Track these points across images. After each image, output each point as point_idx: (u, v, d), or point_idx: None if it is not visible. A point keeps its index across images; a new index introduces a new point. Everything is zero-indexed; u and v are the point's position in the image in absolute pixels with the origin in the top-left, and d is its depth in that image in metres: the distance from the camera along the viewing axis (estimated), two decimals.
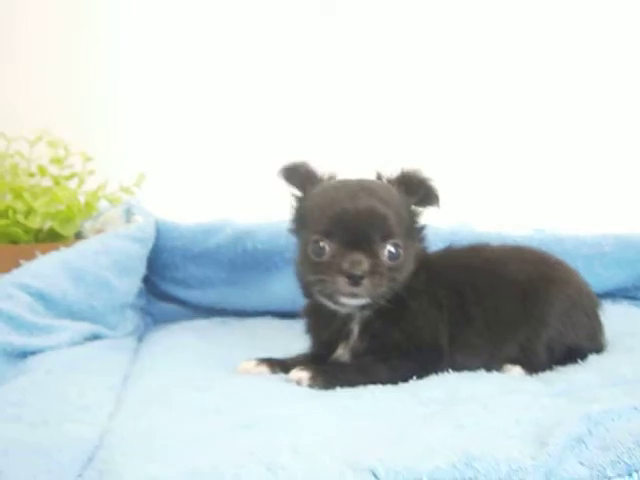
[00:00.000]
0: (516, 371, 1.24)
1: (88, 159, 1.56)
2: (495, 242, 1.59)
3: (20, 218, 1.45)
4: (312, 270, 1.18)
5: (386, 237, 1.17)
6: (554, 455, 0.83)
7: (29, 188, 1.48)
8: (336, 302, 1.17)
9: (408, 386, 1.17)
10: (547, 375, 1.23)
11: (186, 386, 1.16)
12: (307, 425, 0.96)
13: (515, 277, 1.29)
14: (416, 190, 1.25)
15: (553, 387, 1.14)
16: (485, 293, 1.28)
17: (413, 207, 1.25)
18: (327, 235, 1.17)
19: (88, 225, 1.56)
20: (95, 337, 1.40)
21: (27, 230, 1.47)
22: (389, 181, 1.26)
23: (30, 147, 1.53)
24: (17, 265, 1.37)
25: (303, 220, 1.24)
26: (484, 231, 1.69)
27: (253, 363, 1.25)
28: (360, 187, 1.20)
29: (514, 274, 1.30)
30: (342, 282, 1.13)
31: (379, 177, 1.28)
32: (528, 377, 1.22)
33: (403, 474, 0.80)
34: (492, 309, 1.27)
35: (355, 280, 1.13)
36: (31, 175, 1.52)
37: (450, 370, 1.21)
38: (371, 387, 1.16)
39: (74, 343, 1.35)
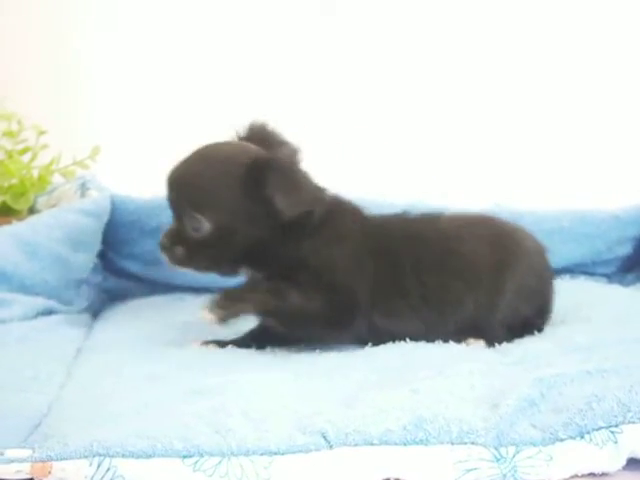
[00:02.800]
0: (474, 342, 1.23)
1: (42, 132, 1.53)
2: None
3: None
4: None
5: (190, 208, 1.15)
6: (505, 417, 0.83)
7: None
8: None
9: (363, 353, 1.17)
10: (504, 346, 1.22)
11: (138, 358, 1.15)
12: (258, 391, 0.94)
13: (471, 256, 1.24)
14: (270, 144, 1.22)
15: (509, 356, 1.14)
16: (430, 268, 1.23)
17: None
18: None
19: (42, 200, 1.54)
20: (49, 312, 1.38)
21: None
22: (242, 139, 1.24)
23: None
24: None
25: None
26: (441, 205, 1.68)
27: (198, 343, 1.22)
28: (196, 153, 1.19)
29: (469, 252, 1.25)
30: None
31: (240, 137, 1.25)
32: (486, 348, 1.22)
33: (353, 436, 0.80)
34: (435, 286, 1.22)
35: (162, 250, 1.17)
36: None
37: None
38: (325, 355, 1.16)
39: (27, 317, 1.33)
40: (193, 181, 1.16)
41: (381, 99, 2.07)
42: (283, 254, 1.17)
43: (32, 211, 1.49)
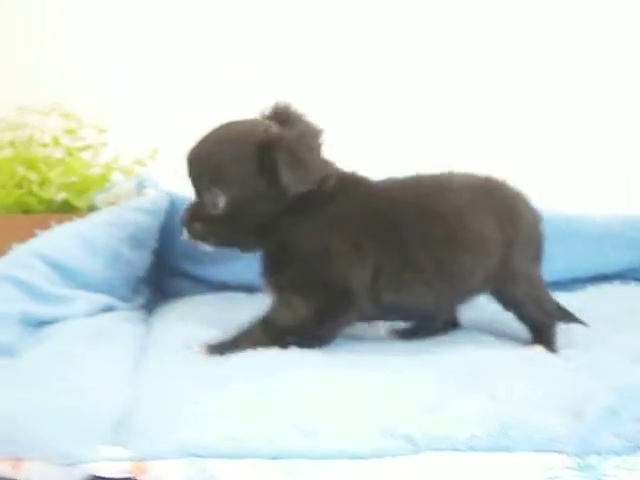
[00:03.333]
0: (537, 349, 1.25)
1: (102, 131, 1.55)
2: None
3: (34, 188, 1.45)
4: None
5: (208, 183, 1.18)
6: (589, 426, 0.84)
7: (43, 159, 1.47)
8: None
9: (425, 356, 1.18)
10: (565, 351, 1.24)
11: (201, 358, 1.16)
12: (333, 393, 0.96)
13: (481, 231, 1.25)
14: (293, 124, 1.23)
15: (572, 362, 1.15)
16: (442, 243, 1.23)
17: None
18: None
19: (100, 197, 1.55)
20: (110, 309, 1.39)
21: (41, 201, 1.47)
22: (266, 118, 1.25)
23: (44, 118, 1.52)
24: (31, 235, 1.36)
25: None
26: None
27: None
28: (213, 132, 1.22)
29: (479, 227, 1.26)
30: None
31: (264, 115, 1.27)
32: (547, 353, 1.23)
33: (439, 441, 0.81)
34: (448, 259, 1.23)
35: (182, 226, 1.21)
36: (44, 146, 1.51)
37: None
38: (388, 359, 1.16)
39: (90, 314, 1.34)
40: (210, 158, 1.19)
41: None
42: (287, 233, 1.21)
43: (91, 208, 1.51)
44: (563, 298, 1.46)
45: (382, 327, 1.35)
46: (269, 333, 1.20)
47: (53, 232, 1.38)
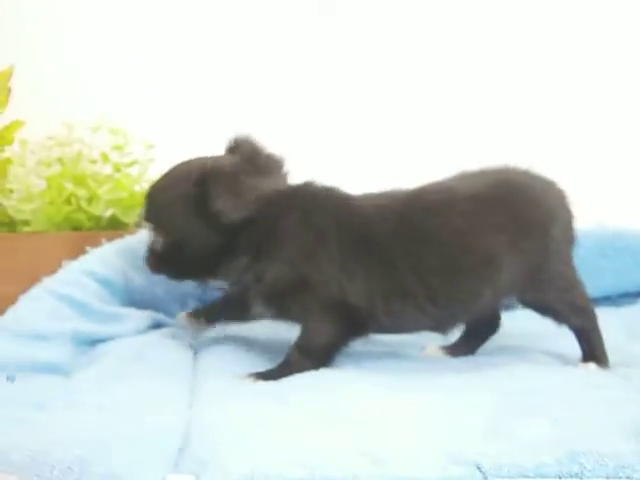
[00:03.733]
0: (591, 367, 1.23)
1: (150, 147, 1.55)
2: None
3: (83, 205, 1.45)
4: None
5: (149, 222, 1.23)
6: None
7: (91, 175, 1.47)
8: None
9: (479, 376, 1.16)
10: (619, 369, 1.22)
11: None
12: (398, 417, 0.95)
13: (488, 252, 1.17)
14: (254, 159, 1.23)
15: (632, 381, 1.13)
16: (437, 269, 1.16)
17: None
18: None
19: None
20: (158, 325, 1.40)
21: (90, 217, 1.47)
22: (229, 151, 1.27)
23: (92, 134, 1.52)
24: (81, 251, 1.37)
25: None
26: None
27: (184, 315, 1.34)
28: (168, 171, 1.25)
29: (486, 247, 1.17)
30: None
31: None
32: (603, 372, 1.21)
33: (508, 468, 0.80)
34: (444, 286, 1.17)
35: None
36: (93, 162, 1.51)
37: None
38: (443, 379, 1.15)
39: (139, 331, 1.35)
40: (151, 201, 1.23)
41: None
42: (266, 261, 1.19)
43: (138, 224, 1.51)
44: (612, 313, 1.44)
45: (430, 346, 1.34)
46: (308, 356, 1.19)
47: (103, 249, 1.39)
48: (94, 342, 1.28)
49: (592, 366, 1.23)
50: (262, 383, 1.13)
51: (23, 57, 1.39)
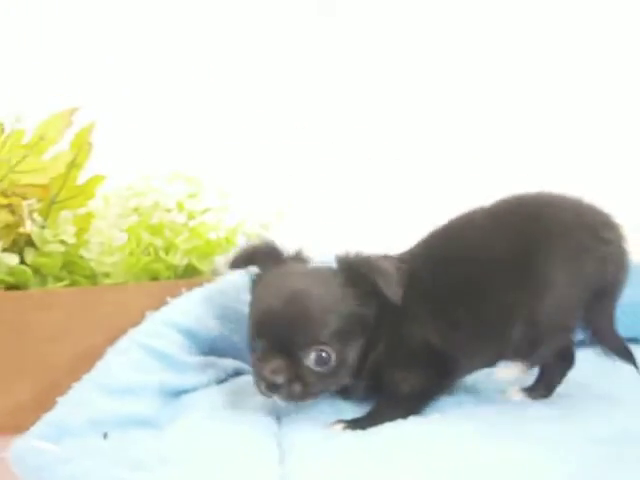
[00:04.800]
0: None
1: (225, 195, 1.57)
2: None
3: (161, 254, 1.47)
4: (252, 361, 1.18)
5: (312, 342, 1.11)
6: None
7: (168, 224, 1.50)
8: None
9: (570, 421, 1.15)
10: None
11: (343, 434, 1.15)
12: (492, 471, 0.95)
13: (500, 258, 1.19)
14: (362, 282, 1.14)
15: None
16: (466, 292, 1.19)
17: (360, 296, 1.14)
18: (256, 335, 1.15)
19: (222, 260, 1.57)
20: (237, 373, 1.41)
21: (168, 266, 1.49)
22: (336, 271, 1.17)
23: (168, 184, 1.55)
24: (161, 301, 1.39)
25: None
26: None
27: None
28: (296, 281, 1.15)
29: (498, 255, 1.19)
30: (263, 387, 1.12)
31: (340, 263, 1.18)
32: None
33: None
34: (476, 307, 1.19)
35: (272, 388, 1.11)
36: (168, 211, 1.53)
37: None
38: (529, 427, 1.14)
39: (220, 380, 1.37)
40: (312, 316, 1.12)
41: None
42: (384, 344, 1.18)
43: (215, 272, 1.53)
44: None
45: (510, 388, 1.34)
46: (399, 405, 1.19)
47: (183, 299, 1.41)
48: (179, 393, 1.29)
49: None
50: (351, 433, 1.13)
51: (103, 113, 1.41)
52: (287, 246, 1.24)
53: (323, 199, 1.87)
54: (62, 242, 1.36)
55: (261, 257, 1.23)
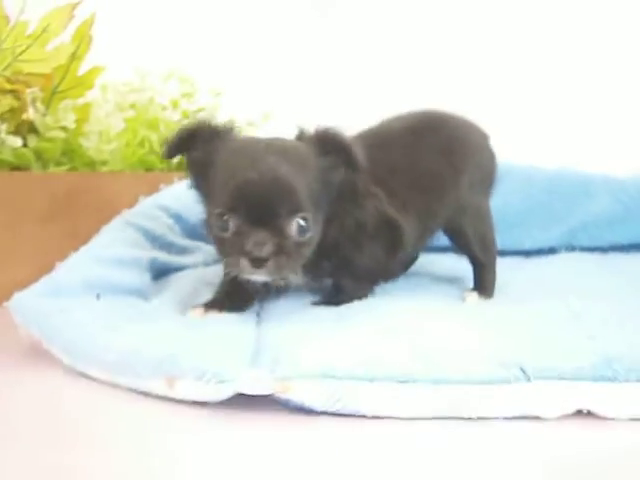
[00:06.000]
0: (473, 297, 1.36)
1: (218, 94, 1.65)
2: (601, 186, 1.67)
3: (156, 147, 1.55)
4: (217, 244, 1.12)
5: (294, 211, 1.07)
6: None
7: (163, 120, 1.58)
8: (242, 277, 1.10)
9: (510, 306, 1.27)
10: None
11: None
12: (448, 331, 1.05)
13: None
14: (334, 153, 1.14)
15: None
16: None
17: (328, 168, 1.14)
18: (230, 209, 1.07)
19: None
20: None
21: (162, 159, 1.57)
22: (306, 140, 1.15)
23: (162, 82, 1.62)
24: (156, 189, 1.47)
25: (208, 186, 1.14)
26: (589, 172, 1.76)
27: (200, 310, 1.18)
28: (267, 151, 1.09)
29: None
30: (244, 263, 1.05)
31: (300, 136, 1.17)
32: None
33: (548, 371, 0.89)
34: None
35: (258, 263, 1.04)
36: (164, 109, 1.61)
37: None
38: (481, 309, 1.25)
39: (207, 263, 1.45)
40: (294, 184, 1.08)
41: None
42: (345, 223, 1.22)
43: None
44: None
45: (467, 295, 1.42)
46: (363, 277, 1.28)
47: (175, 187, 1.49)
48: (167, 271, 1.38)
49: (474, 295, 1.36)
50: (323, 308, 1.23)
51: (103, 6, 1.47)
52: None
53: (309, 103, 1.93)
54: (63, 129, 1.44)
55: (202, 137, 1.13)
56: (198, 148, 1.13)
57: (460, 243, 1.39)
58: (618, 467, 0.79)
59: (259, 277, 1.08)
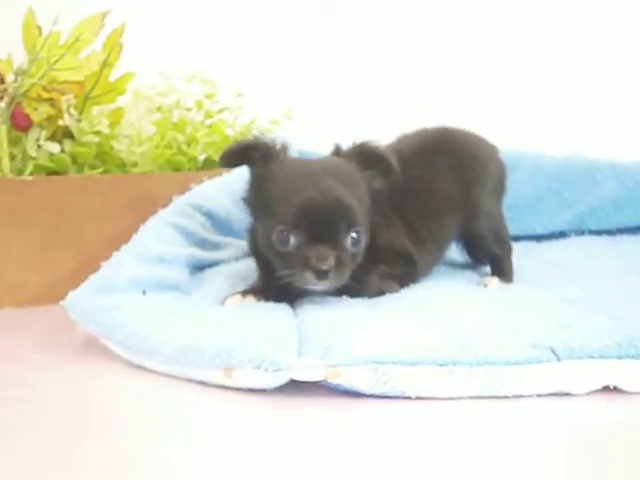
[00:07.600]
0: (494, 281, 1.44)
1: (239, 95, 1.72)
2: (607, 172, 1.74)
3: (183, 148, 1.62)
4: (277, 258, 1.20)
5: (350, 226, 1.18)
6: None
7: (188, 121, 1.65)
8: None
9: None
10: None
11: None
12: (480, 316, 1.12)
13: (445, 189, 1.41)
14: (373, 164, 1.26)
15: None
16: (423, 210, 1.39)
17: (370, 180, 1.26)
18: (293, 226, 1.16)
19: None
20: None
21: (189, 159, 1.64)
22: (346, 155, 1.26)
23: (186, 84, 1.69)
24: (185, 189, 1.54)
25: (265, 201, 1.22)
26: (596, 159, 1.83)
27: (238, 297, 1.25)
28: (323, 171, 1.19)
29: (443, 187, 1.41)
30: (309, 276, 1.15)
31: (337, 152, 1.28)
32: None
33: (577, 350, 0.97)
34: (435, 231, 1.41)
35: (323, 275, 1.15)
36: (188, 110, 1.68)
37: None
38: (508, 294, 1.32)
39: (237, 258, 1.52)
40: (351, 202, 1.18)
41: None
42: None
43: None
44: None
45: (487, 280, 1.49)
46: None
47: (205, 186, 1.56)
48: (203, 267, 1.45)
49: (495, 280, 1.44)
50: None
51: (129, 14, 1.53)
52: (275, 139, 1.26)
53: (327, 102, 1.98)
54: (97, 133, 1.51)
55: (255, 154, 1.23)
56: (258, 163, 1.23)
57: (476, 244, 1.49)
58: None
59: (321, 287, 1.19)
